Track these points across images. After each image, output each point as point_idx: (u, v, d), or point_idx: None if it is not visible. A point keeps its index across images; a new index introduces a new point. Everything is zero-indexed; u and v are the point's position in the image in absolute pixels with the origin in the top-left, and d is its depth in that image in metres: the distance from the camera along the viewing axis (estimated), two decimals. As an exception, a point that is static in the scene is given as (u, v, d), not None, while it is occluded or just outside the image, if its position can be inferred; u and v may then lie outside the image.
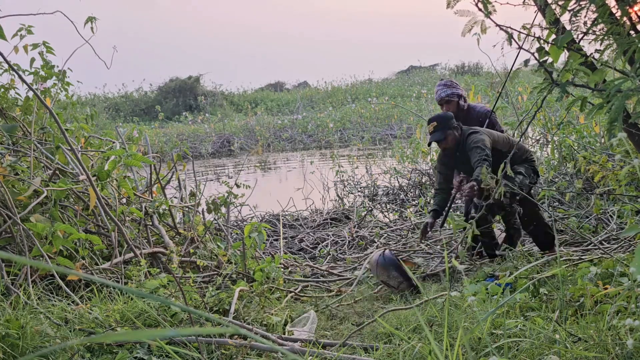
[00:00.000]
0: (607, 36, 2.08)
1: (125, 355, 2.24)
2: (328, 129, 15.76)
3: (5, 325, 2.21)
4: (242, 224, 5.41)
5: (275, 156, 14.07)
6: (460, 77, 23.76)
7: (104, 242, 3.40)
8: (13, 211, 2.88)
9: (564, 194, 5.02)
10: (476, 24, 2.20)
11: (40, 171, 3.50)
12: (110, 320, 2.49)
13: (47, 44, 3.86)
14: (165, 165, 4.49)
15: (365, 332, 2.73)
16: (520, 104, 7.23)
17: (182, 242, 3.87)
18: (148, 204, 3.79)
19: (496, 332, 2.26)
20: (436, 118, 3.97)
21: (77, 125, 3.97)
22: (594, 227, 4.37)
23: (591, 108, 2.07)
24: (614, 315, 2.09)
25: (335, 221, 5.98)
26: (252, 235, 3.61)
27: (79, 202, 3.44)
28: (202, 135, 16.07)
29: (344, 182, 7.24)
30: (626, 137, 2.24)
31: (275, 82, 28.94)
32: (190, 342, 2.37)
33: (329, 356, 2.28)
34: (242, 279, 3.37)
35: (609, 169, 4.25)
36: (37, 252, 2.82)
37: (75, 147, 3.39)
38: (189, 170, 5.91)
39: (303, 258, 4.65)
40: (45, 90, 3.89)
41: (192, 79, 23.51)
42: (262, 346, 2.42)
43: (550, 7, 2.14)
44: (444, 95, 4.32)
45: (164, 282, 2.97)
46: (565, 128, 5.65)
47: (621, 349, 1.84)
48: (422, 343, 2.08)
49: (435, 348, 1.30)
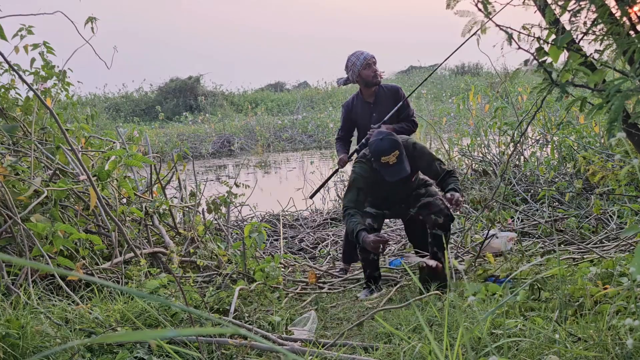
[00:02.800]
0: (607, 36, 2.08)
1: (125, 355, 2.24)
2: (328, 129, 15.75)
3: (5, 325, 2.21)
4: (242, 224, 5.41)
5: (275, 156, 14.06)
6: (460, 77, 23.76)
7: (104, 242, 3.40)
8: (13, 211, 2.89)
9: (564, 194, 5.02)
10: (476, 24, 2.21)
11: (40, 171, 3.50)
12: (110, 320, 2.50)
13: (47, 44, 3.87)
14: (166, 166, 4.49)
15: (365, 332, 2.73)
16: (520, 104, 7.23)
17: (182, 242, 3.88)
18: (148, 204, 3.80)
19: (496, 332, 2.26)
20: (395, 144, 3.19)
21: (78, 126, 3.97)
22: (594, 227, 4.37)
23: (591, 108, 2.07)
24: (613, 315, 2.09)
25: (335, 221, 5.98)
26: (252, 235, 3.61)
27: (80, 202, 3.44)
28: (202, 135, 16.07)
29: (344, 182, 7.24)
30: (626, 137, 2.24)
31: (275, 82, 28.94)
32: (190, 341, 2.37)
33: (329, 356, 2.28)
34: (242, 278, 3.37)
35: (609, 169, 4.25)
36: (38, 252, 2.83)
37: (75, 147, 3.39)
38: (189, 170, 5.91)
39: (303, 258, 4.65)
40: (45, 91, 3.89)
41: (192, 79, 23.51)
42: (262, 346, 2.43)
43: (550, 7, 2.14)
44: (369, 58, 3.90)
45: (164, 282, 2.98)
46: (565, 128, 5.66)
47: (621, 349, 1.85)
48: (422, 343, 2.08)
49: (435, 348, 1.30)
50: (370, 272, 3.49)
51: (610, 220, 4.37)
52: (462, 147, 6.90)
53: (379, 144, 3.21)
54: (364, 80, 3.90)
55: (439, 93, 19.73)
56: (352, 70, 3.92)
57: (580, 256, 3.53)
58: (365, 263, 3.47)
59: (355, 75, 3.92)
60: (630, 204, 4.33)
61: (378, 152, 3.20)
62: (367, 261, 3.46)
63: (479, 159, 6.45)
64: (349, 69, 3.95)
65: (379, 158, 3.20)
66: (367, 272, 3.50)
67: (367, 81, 3.90)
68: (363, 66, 3.88)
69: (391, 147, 3.18)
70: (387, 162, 3.18)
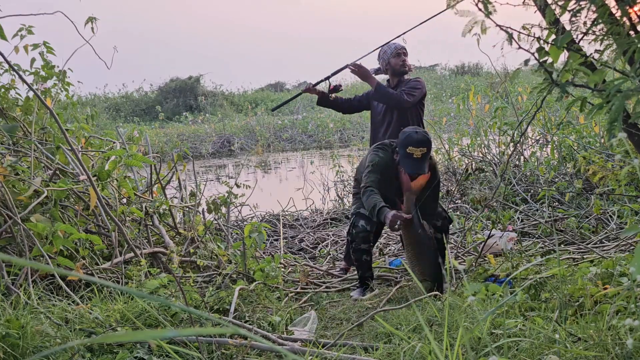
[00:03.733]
0: (607, 36, 2.08)
1: (125, 355, 2.24)
2: (328, 129, 15.75)
3: (5, 325, 2.21)
4: (242, 224, 5.41)
5: (275, 156, 14.07)
6: (460, 77, 23.77)
7: (104, 242, 3.40)
8: (13, 211, 2.89)
9: (564, 194, 5.02)
10: (476, 24, 2.21)
11: (40, 171, 3.50)
12: (110, 320, 2.50)
13: (47, 44, 3.87)
14: (166, 166, 4.49)
15: (365, 332, 2.73)
16: (520, 104, 7.23)
17: (182, 242, 3.88)
18: (148, 204, 3.80)
19: (496, 332, 2.26)
20: (427, 142, 3.24)
21: (78, 126, 3.98)
22: (594, 227, 4.37)
23: (591, 108, 2.07)
24: (613, 315, 2.09)
25: (335, 221, 5.98)
26: (252, 235, 3.61)
27: (80, 202, 3.44)
28: (202, 135, 16.07)
29: (344, 182, 7.24)
30: (626, 137, 2.24)
31: (275, 82, 28.93)
32: (190, 341, 2.37)
33: (329, 356, 2.28)
34: (242, 278, 3.37)
35: (609, 169, 4.25)
36: (38, 252, 2.83)
37: (75, 147, 3.39)
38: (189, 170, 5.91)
39: (303, 258, 4.65)
40: (45, 91, 3.89)
41: (192, 79, 23.50)
42: (262, 346, 2.43)
43: (550, 7, 2.14)
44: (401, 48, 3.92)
45: (164, 282, 2.98)
46: (565, 128, 5.66)
47: (621, 349, 1.85)
48: (422, 343, 2.08)
49: (435, 348, 1.30)
50: (362, 273, 3.51)
51: (610, 220, 4.37)
52: (462, 147, 6.90)
53: (412, 134, 3.24)
54: (393, 68, 3.95)
55: (439, 93, 19.73)
56: (383, 59, 3.97)
57: (580, 256, 3.53)
58: (359, 264, 3.50)
59: (385, 62, 3.96)
60: (630, 204, 4.33)
61: (408, 141, 3.22)
62: (360, 262, 3.49)
63: (479, 159, 6.45)
64: (380, 57, 4.00)
65: (406, 147, 3.22)
66: (359, 272, 3.53)
67: (395, 69, 3.94)
68: (393, 54, 3.93)
69: (422, 141, 3.21)
70: (412, 154, 3.21)
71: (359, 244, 3.44)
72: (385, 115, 3.94)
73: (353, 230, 3.48)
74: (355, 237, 3.44)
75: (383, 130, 3.94)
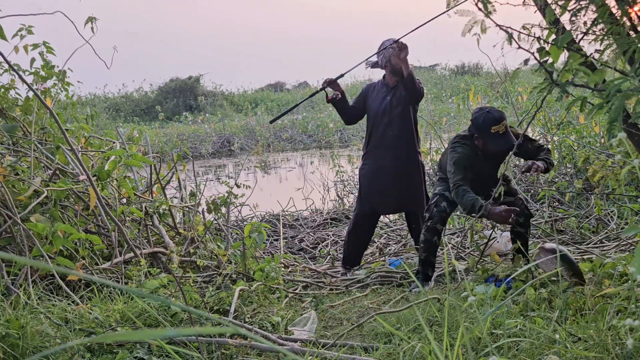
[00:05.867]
0: (607, 36, 2.08)
1: (125, 355, 2.24)
2: (328, 129, 15.74)
3: (5, 325, 2.21)
4: (242, 224, 5.41)
5: (275, 156, 14.07)
6: (460, 77, 23.77)
7: (104, 242, 3.40)
8: (13, 211, 2.89)
9: (564, 194, 5.02)
10: (476, 24, 2.21)
11: (40, 171, 3.50)
12: (110, 320, 2.50)
13: (47, 44, 3.87)
14: (166, 165, 4.49)
15: (365, 332, 2.73)
16: (520, 104, 7.23)
17: (182, 242, 3.88)
18: (148, 204, 3.80)
19: (496, 332, 2.26)
20: (502, 114, 3.23)
21: (78, 126, 3.98)
22: (594, 227, 4.37)
23: (591, 108, 2.07)
24: (613, 315, 2.09)
25: (335, 221, 5.98)
26: (252, 235, 3.61)
27: (79, 202, 3.44)
28: (202, 135, 16.07)
29: (344, 182, 7.23)
30: (626, 137, 2.24)
31: (275, 82, 28.91)
32: (190, 342, 2.37)
33: (329, 356, 2.28)
34: (242, 278, 3.37)
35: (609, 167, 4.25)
36: (38, 252, 2.83)
37: (75, 147, 3.39)
38: (189, 170, 5.91)
39: (303, 258, 4.65)
40: (45, 91, 3.89)
41: (192, 79, 23.50)
42: (262, 346, 2.42)
43: (550, 7, 2.14)
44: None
45: (164, 282, 2.98)
46: (565, 128, 5.66)
47: (621, 349, 1.85)
48: (422, 343, 2.08)
49: (435, 348, 1.30)
50: (427, 256, 3.41)
51: (610, 221, 4.37)
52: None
53: (487, 116, 3.20)
54: (392, 66, 3.85)
55: (439, 93, 19.72)
56: (384, 55, 3.86)
57: (580, 256, 3.53)
58: (426, 245, 3.39)
59: (386, 59, 3.87)
60: (630, 204, 4.33)
61: (488, 122, 3.19)
62: (430, 243, 3.39)
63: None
64: (380, 52, 3.88)
65: (488, 129, 3.18)
66: (423, 255, 3.42)
67: (394, 68, 3.85)
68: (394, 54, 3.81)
69: (500, 116, 3.19)
70: (498, 132, 3.18)
71: (435, 223, 3.39)
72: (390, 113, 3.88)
73: (434, 209, 3.41)
74: (434, 216, 3.40)
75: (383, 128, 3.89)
